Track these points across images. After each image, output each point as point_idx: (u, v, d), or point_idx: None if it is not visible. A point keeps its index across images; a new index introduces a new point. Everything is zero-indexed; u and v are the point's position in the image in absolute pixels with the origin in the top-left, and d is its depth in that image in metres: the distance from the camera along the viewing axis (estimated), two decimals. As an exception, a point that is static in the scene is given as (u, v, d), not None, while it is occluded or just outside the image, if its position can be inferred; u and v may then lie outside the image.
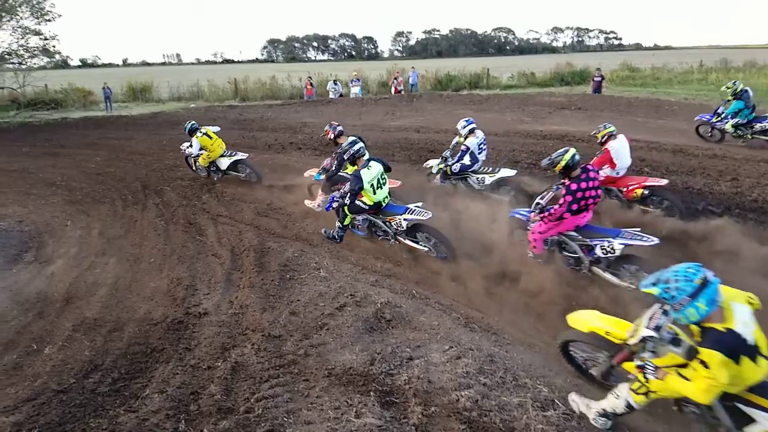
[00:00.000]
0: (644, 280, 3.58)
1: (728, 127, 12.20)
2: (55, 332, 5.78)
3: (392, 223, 7.46)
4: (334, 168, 8.81)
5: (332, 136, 9.48)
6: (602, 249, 6.28)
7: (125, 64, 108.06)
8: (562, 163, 6.23)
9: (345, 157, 7.57)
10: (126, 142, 15.73)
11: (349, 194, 7.22)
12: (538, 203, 6.82)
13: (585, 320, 4.37)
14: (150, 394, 4.49)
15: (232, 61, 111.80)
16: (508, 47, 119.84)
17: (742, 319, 3.28)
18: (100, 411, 4.35)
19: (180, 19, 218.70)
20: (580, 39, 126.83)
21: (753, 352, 3.26)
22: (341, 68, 39.30)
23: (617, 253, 6.19)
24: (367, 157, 7.54)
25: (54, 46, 26.54)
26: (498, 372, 4.48)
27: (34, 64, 26.58)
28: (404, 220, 7.29)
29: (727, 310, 3.31)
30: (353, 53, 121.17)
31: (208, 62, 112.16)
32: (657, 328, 3.51)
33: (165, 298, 6.42)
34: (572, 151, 6.22)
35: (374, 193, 7.32)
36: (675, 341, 3.47)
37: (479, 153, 9.35)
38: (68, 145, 16.26)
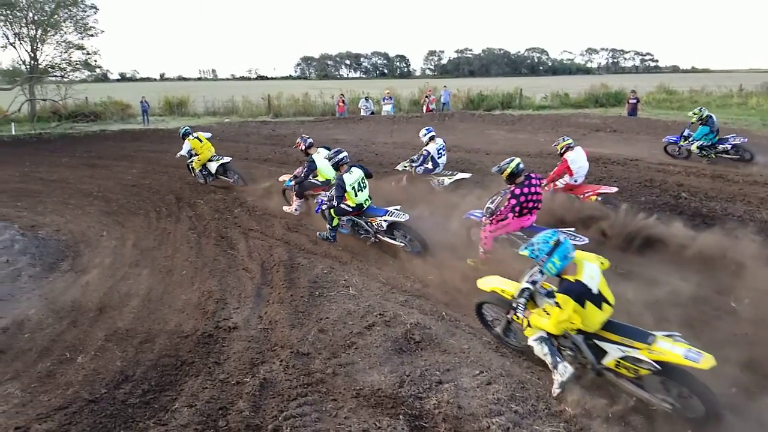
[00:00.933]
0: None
1: (693, 148, 13.57)
2: (87, 341, 5.87)
3: (373, 224, 8.31)
4: (303, 175, 9.75)
5: (303, 147, 10.24)
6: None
7: (162, 78, 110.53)
8: (508, 171, 7.05)
9: (330, 164, 8.45)
10: (161, 155, 16.05)
11: (335, 197, 8.09)
12: (488, 207, 7.60)
13: (489, 282, 5.46)
14: (179, 408, 4.51)
15: (266, 78, 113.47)
16: (541, 67, 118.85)
17: (589, 274, 4.41)
18: (130, 423, 4.39)
19: (216, 36, 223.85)
20: (615, 60, 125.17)
21: (597, 299, 4.37)
22: (373, 86, 39.58)
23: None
24: (348, 163, 8.36)
25: (95, 61, 27.48)
26: (530, 400, 4.38)
27: (76, 77, 27.49)
28: (384, 221, 8.15)
29: (579, 266, 4.45)
30: (385, 71, 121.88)
31: (242, 78, 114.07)
32: (533, 282, 4.84)
33: (196, 310, 6.48)
34: (517, 160, 7.09)
35: (356, 195, 8.20)
36: (549, 294, 4.78)
37: (439, 157, 10.64)
38: (106, 157, 16.68)
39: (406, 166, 10.97)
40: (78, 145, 19.65)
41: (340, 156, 8.28)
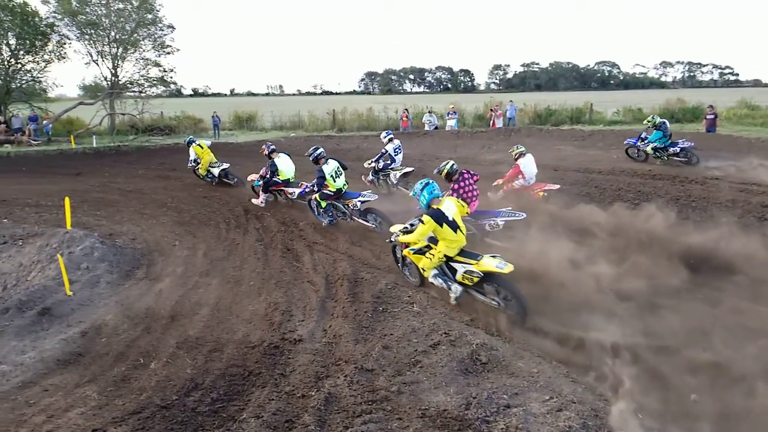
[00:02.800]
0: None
1: (649, 149, 15.60)
2: (160, 348, 6.06)
3: (349, 205, 10.22)
4: (268, 175, 11.89)
5: (266, 153, 12.32)
6: (490, 225, 8.86)
7: (232, 93, 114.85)
8: (445, 171, 8.81)
9: (310, 159, 10.44)
10: (231, 168, 16.55)
11: (316, 184, 10.07)
12: None
13: (394, 227, 7.67)
14: (247, 418, 4.56)
15: (331, 93, 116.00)
16: (612, 81, 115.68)
17: (447, 206, 6.70)
18: (199, 430, 4.47)
19: (283, 53, 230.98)
20: (691, 74, 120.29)
21: (452, 224, 6.59)
22: (437, 100, 39.58)
23: (500, 227, 8.80)
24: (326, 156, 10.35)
25: (171, 77, 28.97)
26: (603, 430, 4.16)
27: (153, 92, 29.04)
28: (359, 201, 10.05)
29: (442, 201, 6.79)
30: (449, 86, 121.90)
31: (308, 93, 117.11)
32: (412, 224, 7.21)
33: (262, 321, 6.58)
34: (451, 162, 8.88)
35: (334, 181, 10.16)
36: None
37: (396, 155, 13.02)
38: (179, 169, 17.34)
39: (371, 163, 13.28)
40: (153, 157, 20.62)
41: (318, 151, 10.40)
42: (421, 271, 6.99)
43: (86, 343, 6.25)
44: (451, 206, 6.72)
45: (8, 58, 25.46)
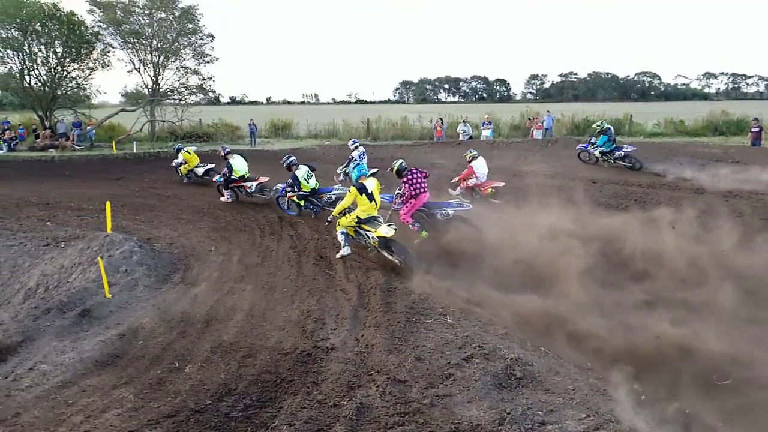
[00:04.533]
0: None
1: (597, 153, 17.43)
2: (195, 352, 6.13)
3: (323, 198, 12.07)
4: (227, 174, 13.64)
5: (222, 155, 14.38)
6: (441, 215, 10.06)
7: (269, 102, 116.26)
8: (395, 168, 10.25)
9: (284, 166, 12.15)
10: (266, 175, 16.75)
11: (290, 187, 11.76)
12: (397, 193, 10.75)
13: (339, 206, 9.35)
14: (279, 426, 4.56)
15: (366, 102, 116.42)
16: (652, 92, 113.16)
17: (368, 183, 8.90)
18: (232, 436, 4.49)
19: (319, 62, 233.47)
20: (736, 85, 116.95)
21: (370, 195, 8.73)
22: (472, 110, 39.40)
23: (451, 216, 10.02)
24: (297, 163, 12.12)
25: (210, 85, 29.58)
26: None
27: (192, 100, 29.64)
28: (333, 195, 11.93)
29: (367, 180, 9.06)
30: (484, 95, 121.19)
31: (343, 102, 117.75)
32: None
33: (295, 329, 6.60)
34: (400, 161, 10.40)
35: (307, 183, 11.83)
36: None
37: (361, 160, 14.24)
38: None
39: (343, 168, 14.93)
40: (191, 163, 20.95)
41: (290, 159, 12.15)
42: (337, 224, 9.20)
43: (123, 345, 6.36)
44: (371, 183, 9.01)
45: (55, 66, 26.43)
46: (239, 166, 13.68)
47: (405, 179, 9.90)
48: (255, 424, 4.65)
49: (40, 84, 26.52)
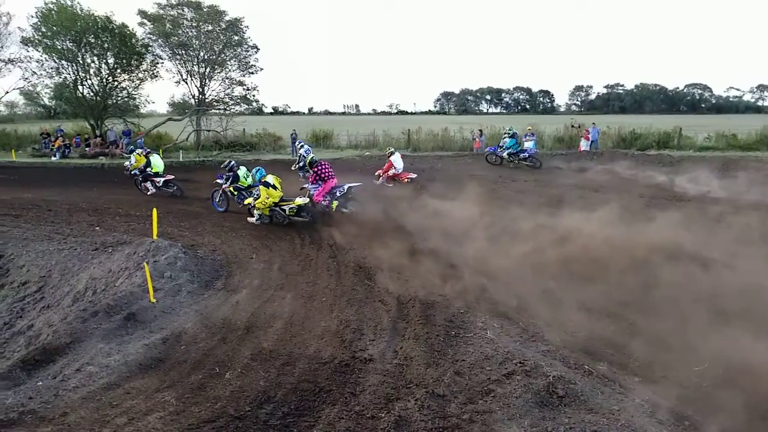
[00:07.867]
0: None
1: (505, 155, 20.78)
2: (235, 358, 6.20)
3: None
4: (145, 169, 16.57)
5: (144, 154, 16.99)
6: (339, 191, 13.22)
7: (310, 112, 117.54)
8: (308, 161, 13.79)
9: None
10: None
11: (227, 179, 14.25)
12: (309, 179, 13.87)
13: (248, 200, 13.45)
14: (316, 436, 4.55)
15: (406, 113, 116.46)
16: (703, 105, 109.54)
17: (271, 178, 12.53)
18: (270, 444, 4.50)
19: (360, 73, 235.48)
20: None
21: (273, 187, 12.42)
22: (514, 122, 38.85)
23: (345, 191, 13.23)
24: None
25: (254, 96, 30.17)
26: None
27: (236, 110, 30.27)
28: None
29: (270, 176, 12.63)
30: (527, 107, 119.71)
31: (383, 113, 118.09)
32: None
33: (334, 338, 6.61)
34: (311, 155, 14.37)
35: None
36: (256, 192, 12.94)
37: (308, 155, 15.55)
38: (259, 184, 17.88)
39: (300, 165, 17.08)
40: (234, 172, 21.34)
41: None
42: (255, 210, 12.79)
43: (167, 349, 6.48)
44: (270, 178, 12.45)
45: (106, 76, 27.46)
46: (157, 163, 17.03)
47: (315, 169, 13.36)
48: (293, 433, 4.65)
49: (92, 94, 27.53)
